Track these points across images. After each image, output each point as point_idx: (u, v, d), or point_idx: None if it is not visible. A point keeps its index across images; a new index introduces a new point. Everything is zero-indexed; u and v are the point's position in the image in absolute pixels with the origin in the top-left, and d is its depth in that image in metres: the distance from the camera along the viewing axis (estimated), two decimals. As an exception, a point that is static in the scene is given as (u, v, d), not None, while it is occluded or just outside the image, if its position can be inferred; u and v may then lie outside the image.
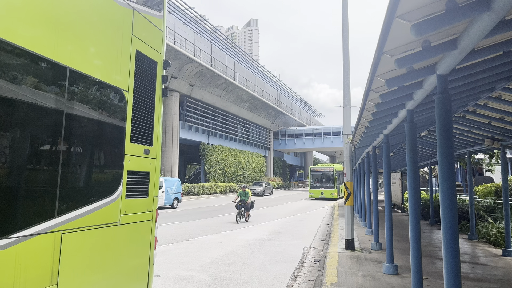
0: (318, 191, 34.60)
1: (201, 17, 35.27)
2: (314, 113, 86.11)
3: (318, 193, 34.52)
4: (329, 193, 34.28)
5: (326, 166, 38.54)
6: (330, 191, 34.34)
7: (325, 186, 34.76)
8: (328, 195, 34.18)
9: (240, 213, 16.76)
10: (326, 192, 34.28)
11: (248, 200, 17.21)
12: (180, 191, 25.07)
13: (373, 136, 8.47)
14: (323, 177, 35.70)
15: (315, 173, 36.25)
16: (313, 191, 35.11)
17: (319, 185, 35.04)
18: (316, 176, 36.06)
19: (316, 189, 34.99)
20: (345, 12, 10.23)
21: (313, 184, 35.73)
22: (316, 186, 35.27)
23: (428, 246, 10.69)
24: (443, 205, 3.40)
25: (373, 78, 3.71)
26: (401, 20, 2.44)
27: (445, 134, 3.37)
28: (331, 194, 34.23)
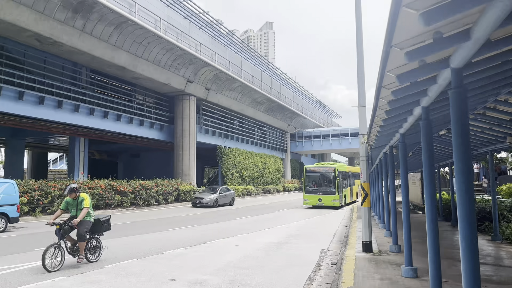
0: (315, 197, 26.96)
1: (216, 21, 35.39)
2: (331, 114, 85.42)
3: (315, 200, 26.88)
4: (329, 199, 26.44)
5: (325, 165, 29.78)
6: (331, 198, 26.50)
7: (324, 191, 26.97)
8: (328, 202, 26.41)
9: (57, 247, 8.24)
10: (325, 199, 26.55)
11: (81, 216, 8.65)
12: (14, 202, 15.00)
13: (389, 135, 8.26)
14: (321, 179, 27.84)
15: (311, 174, 28.17)
16: (308, 197, 27.30)
17: (317, 190, 27.34)
18: (312, 178, 28.08)
19: (312, 194, 27.23)
20: (358, 11, 10.05)
21: (308, 188, 27.68)
22: (313, 190, 27.43)
23: (449, 248, 10.38)
24: (460, 204, 3.24)
25: (383, 74, 3.57)
26: (408, 9, 2.31)
27: (461, 130, 3.22)
28: (331, 201, 26.39)
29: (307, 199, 27.22)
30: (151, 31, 25.68)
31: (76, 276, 7.73)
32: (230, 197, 30.04)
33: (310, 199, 27.06)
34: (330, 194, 26.64)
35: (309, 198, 27.14)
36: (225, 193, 29.44)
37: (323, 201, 26.47)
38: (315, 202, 26.73)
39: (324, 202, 26.41)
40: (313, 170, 28.48)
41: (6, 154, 34.97)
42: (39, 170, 41.74)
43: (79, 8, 21.45)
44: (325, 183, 27.39)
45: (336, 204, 26.26)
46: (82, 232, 8.62)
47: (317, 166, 29.54)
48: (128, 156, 47.25)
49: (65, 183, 21.22)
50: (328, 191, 26.83)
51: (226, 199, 29.20)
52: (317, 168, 28.69)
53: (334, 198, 26.43)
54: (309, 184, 27.78)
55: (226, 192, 29.81)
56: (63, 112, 24.61)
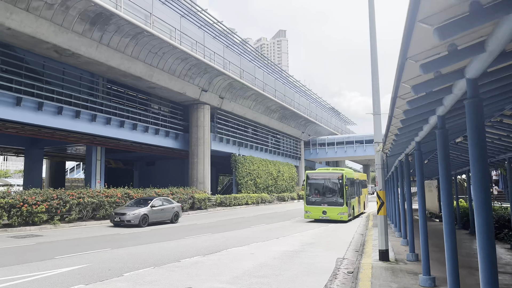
0: (318, 209, 22.69)
1: (230, 30, 35.76)
2: (346, 121, 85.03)
3: (318, 212, 22.62)
4: (336, 212, 22.10)
5: (331, 171, 25.35)
6: (337, 210, 22.12)
7: (329, 202, 22.63)
8: (334, 215, 22.12)
9: None
10: (331, 211, 22.27)
11: None
12: None
13: (404, 143, 8.25)
14: (326, 187, 23.38)
15: (314, 182, 23.75)
16: (310, 209, 22.91)
17: (320, 200, 22.95)
18: (315, 185, 23.67)
19: (315, 205, 22.87)
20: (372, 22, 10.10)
21: (310, 198, 23.26)
22: (316, 201, 23.03)
23: (468, 256, 10.24)
24: (477, 212, 3.25)
25: (398, 85, 3.62)
26: (423, 24, 2.37)
27: (478, 139, 3.24)
28: (338, 214, 22.04)
29: (309, 211, 22.97)
30: (166, 41, 26.09)
31: (95, 283, 7.87)
32: (171, 212, 21.95)
33: (312, 212, 22.86)
34: (336, 205, 22.31)
35: (311, 210, 22.90)
36: (162, 207, 21.46)
37: (328, 214, 22.30)
38: (318, 215, 22.57)
39: (330, 215, 22.25)
40: (316, 177, 23.87)
41: (25, 163, 35.73)
42: (57, 178, 42.50)
43: (97, 20, 21.95)
44: (331, 192, 23.11)
45: (344, 218, 21.95)
46: None
47: (321, 172, 25.11)
48: (143, 164, 47.78)
49: (83, 191, 21.58)
50: (334, 202, 22.50)
51: (162, 214, 21.33)
52: (321, 174, 24.11)
53: (342, 210, 22.06)
54: (311, 193, 23.46)
55: (165, 205, 21.77)
56: (81, 121, 25.09)
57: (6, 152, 40.04)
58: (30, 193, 18.97)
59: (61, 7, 20.10)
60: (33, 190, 19.86)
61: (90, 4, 20.63)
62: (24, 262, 10.11)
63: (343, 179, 22.56)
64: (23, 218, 17.73)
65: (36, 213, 18.09)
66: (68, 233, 16.71)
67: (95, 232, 17.03)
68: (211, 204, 32.42)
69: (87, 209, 20.84)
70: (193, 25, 30.71)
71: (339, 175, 22.92)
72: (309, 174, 24.05)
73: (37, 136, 26.73)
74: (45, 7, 19.58)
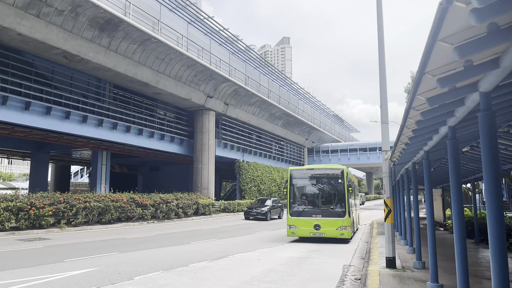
0: (307, 223, 16.03)
1: (235, 37, 36.09)
2: (349, 129, 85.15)
3: (308, 227, 16.00)
4: (334, 226, 15.79)
5: (327, 167, 18.09)
6: (336, 223, 15.80)
7: (324, 211, 16.21)
8: (331, 231, 15.81)
9: None
10: (326, 225, 15.86)
11: None
12: None
13: (413, 152, 8.38)
14: (319, 190, 17.04)
15: (301, 182, 17.18)
16: (297, 223, 16.21)
17: (311, 209, 16.41)
18: (303, 188, 17.20)
19: (303, 217, 16.20)
20: (380, 32, 10.28)
21: (296, 207, 16.66)
22: (304, 211, 16.40)
23: (474, 265, 10.31)
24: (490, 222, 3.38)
25: (414, 97, 3.77)
26: (443, 43, 2.53)
27: (490, 151, 3.38)
28: (338, 229, 15.75)
29: (294, 226, 16.11)
30: (173, 48, 26.38)
31: (106, 287, 7.99)
32: None
33: (299, 226, 16.00)
34: (335, 216, 15.79)
35: (298, 224, 16.02)
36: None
37: (323, 230, 15.71)
38: (308, 232, 15.89)
39: (325, 231, 15.71)
40: (305, 175, 17.07)
41: (31, 167, 35.97)
42: (62, 182, 42.74)
43: (105, 27, 22.25)
44: (327, 197, 16.80)
45: (346, 235, 15.69)
46: None
47: (312, 168, 18.28)
48: (147, 169, 47.97)
49: (89, 195, 21.74)
50: (332, 212, 15.96)
51: None
52: (311, 172, 17.20)
53: (343, 223, 15.65)
54: (297, 199, 16.83)
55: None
56: (88, 126, 25.33)
57: (13, 156, 40.34)
58: (38, 196, 19.16)
59: (71, 13, 20.42)
60: (40, 193, 20.05)
61: (100, 11, 20.95)
62: (34, 265, 10.24)
63: (344, 177, 16.01)
64: (30, 221, 17.90)
65: (43, 217, 18.26)
66: (75, 237, 16.84)
67: (102, 236, 17.16)
68: (215, 210, 32.52)
69: (93, 213, 20.99)
70: (200, 32, 31.03)
71: (339, 171, 16.36)
72: (294, 172, 16.98)
73: (45, 140, 26.98)
74: (55, 13, 19.90)
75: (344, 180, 16.13)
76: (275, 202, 31.70)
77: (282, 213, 31.69)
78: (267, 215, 28.73)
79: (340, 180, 16.34)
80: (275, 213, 30.98)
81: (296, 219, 16.31)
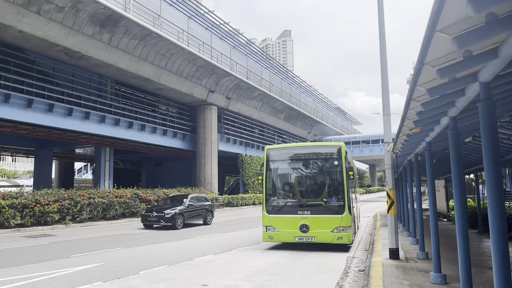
0: (291, 223, 11.80)
1: (236, 31, 35.98)
2: (352, 121, 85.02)
3: (293, 229, 11.74)
4: (329, 227, 11.49)
5: (317, 145, 14.47)
6: (332, 222, 11.49)
7: (314, 208, 11.77)
8: (325, 234, 11.50)
9: None
10: (318, 226, 11.55)
11: None
12: None
13: (415, 144, 8.38)
14: (308, 177, 12.77)
15: (281, 166, 12.91)
16: (276, 223, 11.99)
17: (296, 205, 12.07)
18: (284, 174, 12.97)
19: (285, 215, 11.97)
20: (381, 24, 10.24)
21: (274, 202, 12.36)
22: (287, 206, 12.14)
23: (477, 255, 10.35)
24: (491, 212, 3.40)
25: (414, 88, 3.77)
26: (442, 34, 2.53)
27: (491, 141, 3.39)
28: (333, 232, 11.46)
29: (273, 228, 11.99)
30: (174, 43, 26.35)
31: (112, 281, 8.07)
32: None
33: (279, 227, 11.91)
34: (329, 213, 11.58)
35: (278, 225, 11.93)
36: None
37: (313, 232, 11.56)
38: (291, 236, 11.74)
39: (316, 235, 11.55)
40: (289, 156, 12.75)
41: (35, 164, 36.17)
42: (66, 179, 42.95)
43: (106, 23, 22.24)
44: (318, 187, 12.38)
45: (345, 239, 11.46)
46: None
47: (299, 146, 14.06)
48: (151, 165, 48.13)
49: (93, 192, 21.87)
50: (325, 208, 11.73)
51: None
52: (298, 151, 12.95)
53: (341, 223, 11.43)
54: (276, 189, 12.62)
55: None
56: (90, 123, 25.41)
57: (17, 153, 40.54)
58: (42, 193, 19.28)
59: (72, 10, 20.41)
60: (45, 190, 20.17)
61: (100, 6, 20.92)
62: (40, 261, 10.34)
63: (342, 158, 11.72)
64: (35, 218, 18.03)
65: (48, 213, 18.38)
66: (80, 233, 16.98)
67: (107, 232, 17.28)
68: (218, 204, 32.65)
69: (98, 209, 21.11)
70: (200, 26, 30.97)
71: (335, 149, 11.98)
72: (272, 152, 12.64)
73: (48, 137, 27.10)
74: (55, 10, 19.90)
75: (342, 162, 11.54)
76: (198, 201, 20.97)
77: (209, 216, 21.29)
78: (174, 220, 18.47)
79: (336, 161, 11.75)
80: (196, 217, 20.50)
81: (275, 217, 11.82)
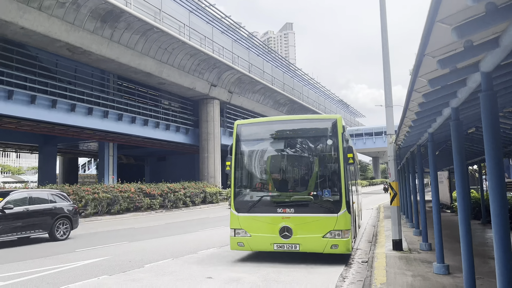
0: (268, 225, 8.60)
1: (237, 25, 35.87)
2: (355, 114, 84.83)
3: (271, 233, 8.56)
4: (319, 230, 8.35)
5: (304, 119, 11.31)
6: (323, 223, 8.35)
7: (299, 204, 8.66)
8: (313, 241, 8.37)
9: None
10: (304, 229, 8.38)
11: None
12: None
13: (417, 135, 8.38)
14: (291, 162, 9.60)
15: (258, 146, 9.63)
16: (248, 224, 8.80)
17: (275, 200, 8.89)
18: (262, 159, 9.56)
19: (260, 214, 8.76)
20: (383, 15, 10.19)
21: (246, 196, 9.21)
22: (263, 202, 8.92)
23: (480, 245, 10.37)
24: (493, 202, 3.41)
25: (415, 79, 3.78)
26: (442, 24, 2.54)
27: (492, 131, 3.39)
28: (325, 238, 8.33)
29: (244, 231, 8.93)
30: (176, 37, 26.32)
31: (118, 274, 8.16)
32: None
33: (252, 230, 8.87)
34: (320, 211, 8.57)
35: (250, 228, 8.88)
36: None
37: (297, 237, 8.50)
38: (267, 243, 8.73)
39: (302, 242, 8.48)
40: (266, 133, 9.70)
41: (39, 160, 36.37)
42: (70, 175, 43.19)
43: (107, 18, 22.22)
44: (304, 176, 9.58)
45: (342, 248, 8.46)
46: None
47: (278, 120, 10.77)
48: (154, 159, 48.28)
49: (97, 187, 22.00)
50: (313, 204, 8.66)
51: None
52: (278, 127, 9.82)
53: (336, 225, 8.39)
54: (249, 179, 9.79)
55: None
56: (93, 118, 25.49)
57: (21, 149, 40.76)
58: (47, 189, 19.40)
59: (73, 5, 20.40)
60: (49, 186, 20.31)
61: (101, 2, 20.90)
62: (47, 255, 10.46)
63: (338, 135, 8.68)
64: (41, 213, 18.14)
65: (53, 209, 18.49)
66: (85, 228, 17.10)
67: (112, 226, 17.41)
68: (222, 198, 32.77)
69: (102, 204, 21.26)
70: (202, 20, 30.89)
71: (328, 123, 9.04)
72: (243, 129, 9.87)
73: (51, 133, 27.22)
74: (56, 5, 19.89)
75: (339, 141, 8.51)
76: (32, 203, 12.78)
77: (63, 228, 13.61)
78: None
79: (330, 140, 8.74)
80: (30, 227, 12.57)
81: (246, 217, 8.86)
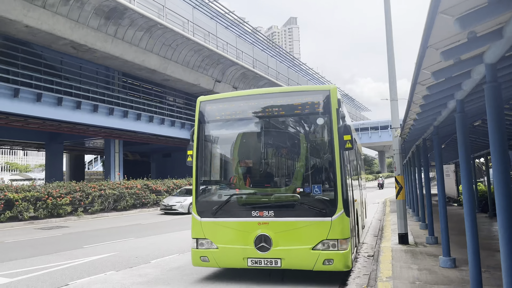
0: (241, 233, 6.48)
1: (241, 20, 35.75)
2: (360, 108, 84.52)
3: (243, 245, 6.44)
4: (307, 240, 6.19)
5: (288, 91, 7.58)
6: (312, 230, 6.16)
7: (280, 206, 6.39)
8: (299, 254, 6.23)
9: None
10: (287, 238, 6.26)
11: None
12: None
13: (422, 128, 8.34)
14: (271, 148, 6.98)
15: (228, 129, 7.52)
16: (214, 232, 6.69)
17: (250, 200, 6.65)
18: (233, 145, 7.27)
19: (231, 218, 6.59)
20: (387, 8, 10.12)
21: (213, 195, 7.14)
22: (234, 203, 6.64)
23: (487, 239, 10.33)
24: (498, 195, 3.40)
25: (419, 72, 3.75)
26: (445, 15, 2.51)
27: (497, 123, 3.37)
28: (315, 250, 6.12)
29: (209, 241, 6.71)
30: (180, 33, 26.30)
31: (125, 270, 8.23)
32: None
33: (219, 241, 6.68)
34: (308, 215, 6.24)
35: (216, 237, 6.70)
36: None
37: (278, 248, 6.31)
38: (239, 257, 6.50)
39: (284, 256, 6.32)
40: (238, 112, 7.38)
41: (46, 158, 36.62)
42: (77, 172, 43.47)
43: (111, 15, 22.24)
44: (288, 166, 7.24)
45: (337, 263, 6.12)
46: None
47: (254, 94, 7.64)
48: (160, 156, 48.41)
49: (104, 184, 22.13)
50: (300, 204, 6.29)
51: None
52: (253, 101, 7.30)
53: (330, 233, 6.11)
54: (217, 173, 7.69)
55: None
56: (99, 115, 25.57)
57: (28, 147, 41.07)
58: (54, 186, 19.58)
59: (77, 3, 20.43)
60: (56, 183, 20.47)
61: (105, -1, 20.90)
62: (55, 252, 10.56)
63: (331, 112, 6.45)
64: (48, 210, 18.33)
65: (61, 205, 18.68)
66: (92, 224, 17.24)
67: (118, 223, 17.53)
68: (228, 194, 32.79)
69: (109, 201, 21.39)
70: (205, 16, 30.82)
71: (319, 98, 6.70)
72: (209, 107, 8.08)
73: (58, 130, 27.37)
74: (61, 3, 19.93)
75: (333, 118, 6.48)
76: None
77: None
78: None
79: (321, 118, 6.73)
80: None
81: (212, 223, 6.85)
